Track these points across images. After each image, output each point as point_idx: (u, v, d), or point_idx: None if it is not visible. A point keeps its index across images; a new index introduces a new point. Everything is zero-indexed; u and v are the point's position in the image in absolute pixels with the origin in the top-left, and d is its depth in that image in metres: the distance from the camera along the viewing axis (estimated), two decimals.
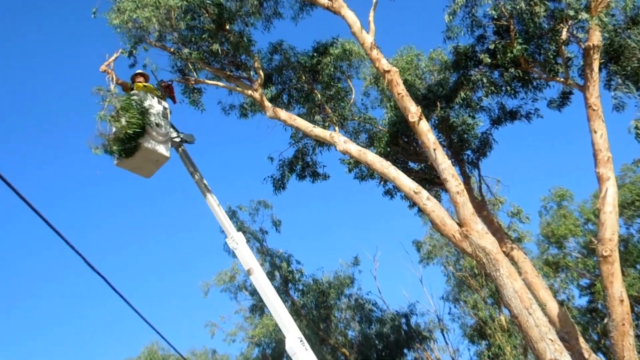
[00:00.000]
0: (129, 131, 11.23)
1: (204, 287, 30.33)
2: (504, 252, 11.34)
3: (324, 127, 16.29)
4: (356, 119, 18.57)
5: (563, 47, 13.05)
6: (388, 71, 12.13)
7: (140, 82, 12.68)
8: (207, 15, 14.09)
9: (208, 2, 13.69)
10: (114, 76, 12.08)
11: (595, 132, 11.48)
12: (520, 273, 13.27)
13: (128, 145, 11.49)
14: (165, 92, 13.21)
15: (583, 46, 12.23)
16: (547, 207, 30.57)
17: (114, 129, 11.37)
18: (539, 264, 28.10)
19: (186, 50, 13.68)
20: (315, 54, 16.96)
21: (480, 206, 15.97)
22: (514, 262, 13.98)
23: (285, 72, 16.89)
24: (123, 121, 11.13)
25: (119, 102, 11.28)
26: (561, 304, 18.95)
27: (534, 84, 14.90)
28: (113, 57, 12.46)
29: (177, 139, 13.37)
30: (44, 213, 5.20)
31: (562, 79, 13.64)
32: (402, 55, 18.51)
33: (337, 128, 15.18)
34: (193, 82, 14.06)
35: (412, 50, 18.71)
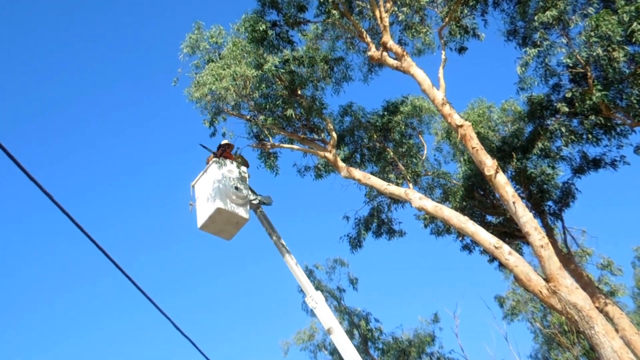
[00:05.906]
0: None
1: (283, 346, 30.14)
2: (597, 307, 10.69)
3: (397, 184, 16.27)
4: (430, 174, 18.44)
5: None
6: (461, 126, 12.06)
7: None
8: (280, 82, 14.72)
9: (281, 70, 14.33)
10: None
11: None
12: (617, 330, 12.38)
13: None
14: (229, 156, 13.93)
15: None
16: None
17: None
18: (637, 319, 26.08)
19: (261, 117, 14.26)
20: (385, 113, 17.20)
21: (567, 259, 15.22)
22: (609, 318, 13.08)
23: (357, 132, 17.16)
24: None
25: None
26: None
27: (618, 130, 14.23)
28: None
29: (255, 201, 13.84)
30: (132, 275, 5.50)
31: None
32: (473, 108, 18.38)
33: (411, 185, 15.13)
34: (269, 147, 14.56)
35: (483, 102, 18.56)
